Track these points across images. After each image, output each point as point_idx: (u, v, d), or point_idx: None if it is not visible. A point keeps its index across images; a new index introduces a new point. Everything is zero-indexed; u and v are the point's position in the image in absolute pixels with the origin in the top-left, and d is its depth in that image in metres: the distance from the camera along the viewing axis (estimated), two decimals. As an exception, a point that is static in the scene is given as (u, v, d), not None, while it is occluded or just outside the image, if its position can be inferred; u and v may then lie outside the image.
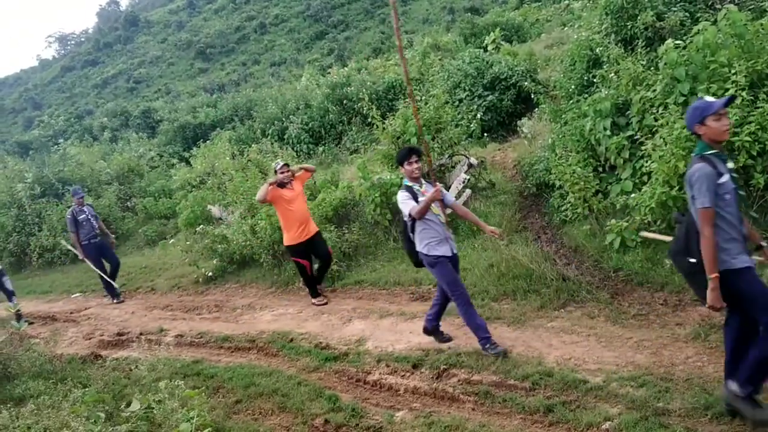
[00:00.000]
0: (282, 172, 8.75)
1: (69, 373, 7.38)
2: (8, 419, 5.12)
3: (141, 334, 9.10)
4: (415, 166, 6.12)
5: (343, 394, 5.84)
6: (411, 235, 6.20)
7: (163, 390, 5.19)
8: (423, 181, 6.28)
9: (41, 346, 8.74)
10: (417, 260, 6.29)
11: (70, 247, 12.76)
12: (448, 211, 6.51)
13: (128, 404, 5.18)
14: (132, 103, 64.86)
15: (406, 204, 6.02)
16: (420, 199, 6.00)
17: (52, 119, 70.23)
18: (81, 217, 11.42)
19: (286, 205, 8.70)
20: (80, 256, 11.61)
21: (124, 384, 6.70)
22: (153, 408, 5.12)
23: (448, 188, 10.80)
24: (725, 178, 3.97)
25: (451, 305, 6.29)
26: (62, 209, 17.92)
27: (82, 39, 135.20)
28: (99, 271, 11.58)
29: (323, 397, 5.76)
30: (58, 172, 20.62)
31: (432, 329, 6.47)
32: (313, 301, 8.90)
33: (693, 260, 4.02)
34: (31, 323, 10.69)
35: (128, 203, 20.71)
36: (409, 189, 6.14)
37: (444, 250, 6.02)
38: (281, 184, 8.72)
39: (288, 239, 8.83)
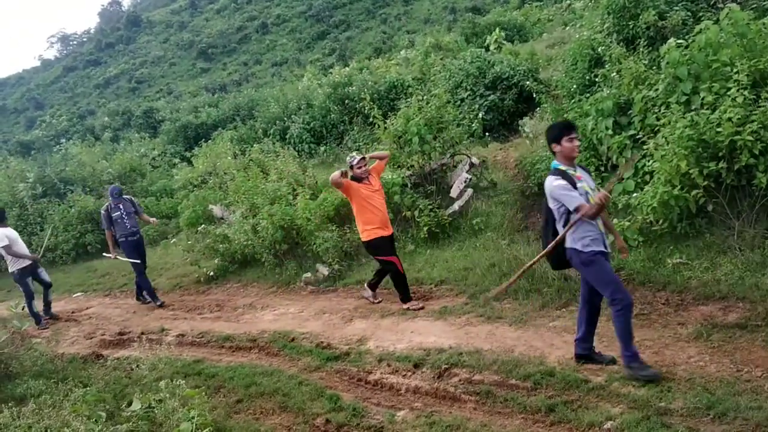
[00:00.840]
0: (359, 167, 8.03)
1: (70, 372, 7.40)
2: (9, 418, 5.12)
3: (142, 333, 9.10)
4: (577, 143, 5.13)
5: (344, 394, 5.84)
6: (560, 229, 5.27)
7: (164, 389, 5.20)
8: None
9: (42, 345, 8.76)
10: (559, 260, 5.50)
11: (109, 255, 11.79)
12: None
13: (129, 404, 5.19)
14: (134, 103, 64.87)
15: (569, 196, 4.97)
16: (578, 185, 5.02)
17: (54, 119, 70.36)
18: (115, 214, 10.84)
19: (365, 202, 7.92)
20: (112, 256, 11.03)
21: (125, 383, 6.71)
22: (154, 407, 5.13)
23: (450, 188, 10.80)
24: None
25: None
26: (64, 209, 17.95)
27: (84, 39, 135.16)
28: (131, 260, 10.91)
29: (324, 396, 5.76)
30: (59, 172, 20.61)
31: (588, 354, 5.39)
32: (407, 305, 7.90)
33: None
34: (57, 318, 10.99)
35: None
36: (564, 175, 5.08)
37: (601, 247, 5.14)
38: (357, 179, 8.02)
39: (370, 233, 7.94)
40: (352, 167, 8.07)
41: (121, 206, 10.91)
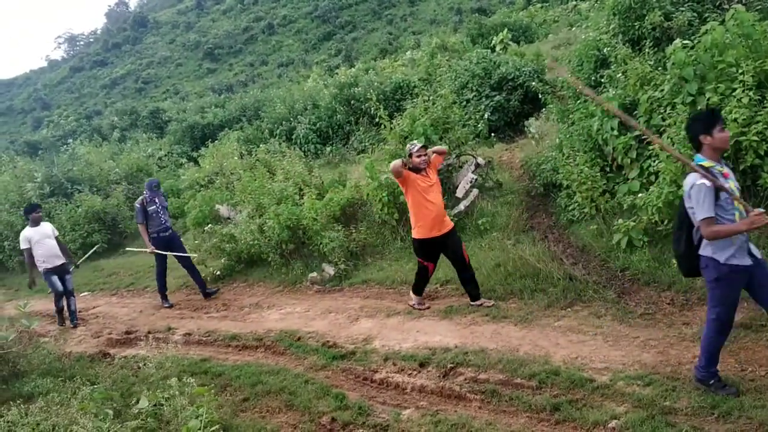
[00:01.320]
0: (419, 156, 7.37)
1: (77, 371, 7.42)
2: (17, 416, 5.16)
3: (149, 332, 9.13)
4: (727, 133, 4.53)
5: (350, 393, 5.86)
6: (695, 234, 4.63)
7: (173, 387, 5.23)
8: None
9: (50, 344, 8.80)
10: (690, 266, 4.74)
11: (135, 249, 12.29)
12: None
13: (137, 402, 5.23)
14: (140, 103, 65.08)
15: (704, 205, 4.32)
16: (726, 185, 4.35)
17: (61, 119, 70.59)
18: (151, 208, 10.46)
19: (420, 195, 7.31)
20: (149, 250, 10.59)
21: (132, 382, 6.74)
22: (162, 405, 5.16)
23: (455, 188, 10.82)
24: None
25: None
26: (71, 208, 18.01)
27: (91, 40, 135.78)
28: (182, 254, 10.75)
29: (330, 395, 5.78)
30: (67, 172, 20.70)
31: (713, 381, 4.59)
32: (413, 303, 7.87)
33: None
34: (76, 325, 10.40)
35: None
36: (709, 173, 4.38)
37: (746, 259, 4.43)
38: (416, 169, 7.38)
39: (418, 232, 7.42)
40: (411, 155, 7.42)
41: (157, 200, 10.59)
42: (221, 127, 26.36)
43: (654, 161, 7.30)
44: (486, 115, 14.22)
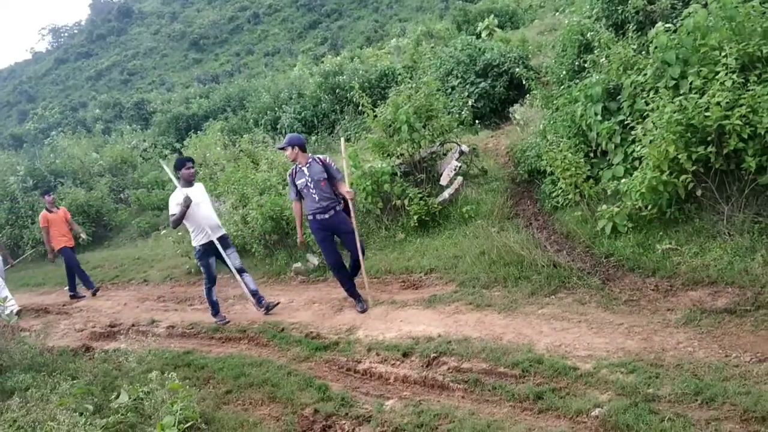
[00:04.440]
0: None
1: (59, 365, 7.34)
2: (-5, 413, 5.10)
3: (133, 325, 9.07)
4: None
5: (333, 384, 5.80)
6: None
7: (153, 381, 5.17)
8: None
9: (32, 338, 8.71)
10: None
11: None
12: None
13: (117, 396, 5.16)
14: (126, 95, 64.64)
15: None
16: None
17: (46, 112, 70.08)
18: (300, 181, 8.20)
19: None
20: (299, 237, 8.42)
21: (115, 376, 6.66)
22: (142, 399, 5.10)
23: (440, 176, 10.77)
24: None
25: None
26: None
27: (75, 31, 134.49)
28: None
29: (313, 386, 5.72)
30: (50, 165, 20.59)
31: None
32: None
33: None
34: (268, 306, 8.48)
35: (121, 195, 20.69)
36: None
37: None
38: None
39: None
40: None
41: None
42: (206, 118, 26.25)
43: (638, 146, 7.25)
44: (471, 102, 14.15)
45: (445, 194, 10.25)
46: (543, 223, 8.88)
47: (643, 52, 8.14)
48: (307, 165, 7.53)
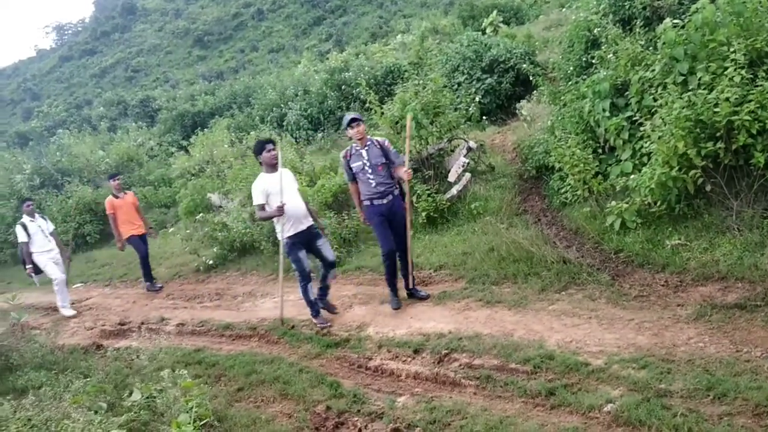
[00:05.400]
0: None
1: (71, 363, 7.38)
2: (9, 411, 5.12)
3: (142, 323, 9.10)
4: None
5: (345, 381, 5.83)
6: None
7: (166, 379, 5.19)
8: None
9: (43, 337, 8.76)
10: None
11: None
12: None
13: (130, 394, 5.19)
14: (130, 92, 64.65)
15: None
16: None
17: (51, 109, 70.14)
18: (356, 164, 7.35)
19: None
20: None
21: (126, 374, 6.69)
22: (155, 397, 5.13)
23: (447, 172, 10.77)
24: None
25: None
26: (62, 200, 17.95)
27: (79, 28, 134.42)
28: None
29: (325, 383, 5.75)
30: (56, 163, 20.64)
31: None
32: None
33: None
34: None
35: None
36: None
37: None
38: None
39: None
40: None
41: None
42: (212, 115, 26.24)
43: (646, 142, 7.25)
44: (477, 99, 14.14)
45: (454, 191, 10.25)
46: (552, 220, 8.89)
47: (651, 48, 8.12)
48: (366, 147, 7.06)
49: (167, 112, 28.43)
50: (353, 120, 7.02)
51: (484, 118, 14.34)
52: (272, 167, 7.14)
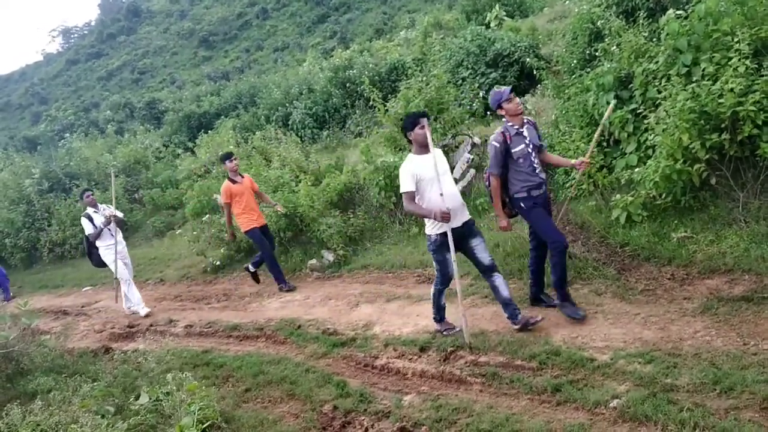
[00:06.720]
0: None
1: (80, 367, 7.40)
2: (19, 416, 5.14)
3: (151, 325, 9.13)
4: None
5: (351, 380, 5.83)
6: None
7: (171, 382, 5.21)
8: None
9: (53, 341, 8.79)
10: None
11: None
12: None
13: (137, 397, 5.21)
14: (137, 94, 64.84)
15: None
16: None
17: (59, 113, 70.46)
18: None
19: None
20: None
21: (135, 377, 6.70)
22: (161, 400, 5.15)
23: (452, 168, 10.74)
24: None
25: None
26: (70, 203, 18.01)
27: (85, 32, 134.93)
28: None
29: (331, 383, 5.75)
30: (64, 167, 20.68)
31: None
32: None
33: None
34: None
35: (135, 195, 20.77)
36: None
37: None
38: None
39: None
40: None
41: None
42: (217, 116, 26.25)
43: (651, 135, 7.21)
44: (481, 94, 14.10)
45: (458, 186, 10.21)
46: (557, 214, 8.85)
47: (655, 40, 8.09)
48: (525, 127, 5.99)
49: (173, 114, 28.47)
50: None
51: (488, 113, 14.29)
52: (424, 147, 5.89)
